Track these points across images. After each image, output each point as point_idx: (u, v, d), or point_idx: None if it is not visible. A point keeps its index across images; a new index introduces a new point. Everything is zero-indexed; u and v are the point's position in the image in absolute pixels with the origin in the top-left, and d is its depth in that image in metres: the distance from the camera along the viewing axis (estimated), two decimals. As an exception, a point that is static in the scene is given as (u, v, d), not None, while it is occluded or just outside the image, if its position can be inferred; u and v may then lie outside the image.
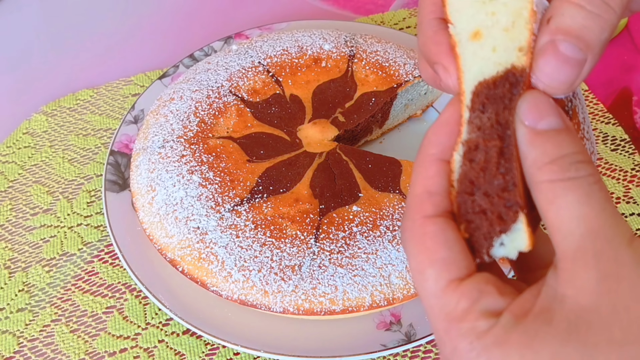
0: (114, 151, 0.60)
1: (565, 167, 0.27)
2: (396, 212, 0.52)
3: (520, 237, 0.29)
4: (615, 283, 0.26)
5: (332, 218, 0.51)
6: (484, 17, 0.30)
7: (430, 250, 0.29)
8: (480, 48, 0.30)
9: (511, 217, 0.29)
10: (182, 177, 0.53)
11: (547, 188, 0.27)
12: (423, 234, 0.29)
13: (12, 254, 0.58)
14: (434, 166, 0.30)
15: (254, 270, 0.48)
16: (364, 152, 0.57)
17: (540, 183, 0.27)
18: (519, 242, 0.29)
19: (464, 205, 0.30)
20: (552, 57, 0.28)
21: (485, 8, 0.30)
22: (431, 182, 0.30)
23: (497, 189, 0.29)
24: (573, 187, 0.26)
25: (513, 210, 0.29)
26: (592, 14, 0.27)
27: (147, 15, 0.80)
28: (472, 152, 0.30)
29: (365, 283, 0.48)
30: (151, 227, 0.52)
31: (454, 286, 0.28)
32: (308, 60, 0.63)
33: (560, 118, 0.28)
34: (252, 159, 0.55)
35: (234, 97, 0.60)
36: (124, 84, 0.71)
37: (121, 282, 0.56)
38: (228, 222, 0.50)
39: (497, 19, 0.30)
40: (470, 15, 0.30)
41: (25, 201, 0.61)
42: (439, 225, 0.29)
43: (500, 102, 0.29)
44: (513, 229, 0.29)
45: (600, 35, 0.27)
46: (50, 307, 0.54)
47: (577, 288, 0.26)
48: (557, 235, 0.27)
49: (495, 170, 0.29)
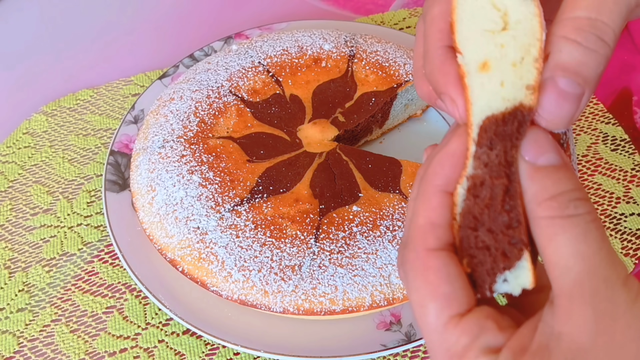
0: (114, 151, 0.60)
1: (564, 204, 0.27)
2: (396, 212, 0.52)
3: (525, 274, 0.29)
4: (611, 322, 0.26)
5: (332, 218, 0.51)
6: (493, 49, 0.30)
7: (433, 284, 0.29)
8: (489, 80, 0.30)
9: (515, 255, 0.29)
10: (182, 177, 0.53)
11: (546, 224, 0.27)
12: (426, 267, 0.29)
13: (12, 254, 0.58)
14: (437, 198, 0.30)
15: (254, 270, 0.48)
16: (364, 152, 0.57)
17: (540, 219, 0.28)
18: (523, 280, 0.29)
19: (467, 239, 0.30)
20: (552, 94, 0.28)
21: (495, 39, 0.30)
22: (434, 213, 0.30)
23: (501, 226, 0.29)
24: (571, 224, 0.27)
25: (517, 248, 0.29)
26: (589, 50, 0.28)
27: (147, 15, 0.80)
28: (477, 188, 0.30)
29: (365, 283, 0.48)
30: (151, 227, 0.52)
31: (455, 322, 0.28)
32: (308, 60, 0.63)
33: (559, 155, 0.29)
34: (252, 159, 0.55)
35: (234, 97, 0.60)
36: (124, 84, 0.71)
37: (121, 282, 0.56)
38: (228, 222, 0.50)
39: (505, 52, 0.29)
40: (480, 45, 0.30)
41: (25, 201, 0.61)
42: (442, 260, 0.29)
43: (508, 140, 0.29)
44: (517, 266, 0.29)
45: (596, 69, 0.28)
46: (50, 307, 0.54)
47: (573, 326, 0.27)
48: (555, 271, 0.27)
49: (501, 207, 0.29)
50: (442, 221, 0.30)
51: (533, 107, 0.29)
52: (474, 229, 0.30)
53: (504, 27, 0.30)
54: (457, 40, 0.31)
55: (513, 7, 0.30)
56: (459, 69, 0.30)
